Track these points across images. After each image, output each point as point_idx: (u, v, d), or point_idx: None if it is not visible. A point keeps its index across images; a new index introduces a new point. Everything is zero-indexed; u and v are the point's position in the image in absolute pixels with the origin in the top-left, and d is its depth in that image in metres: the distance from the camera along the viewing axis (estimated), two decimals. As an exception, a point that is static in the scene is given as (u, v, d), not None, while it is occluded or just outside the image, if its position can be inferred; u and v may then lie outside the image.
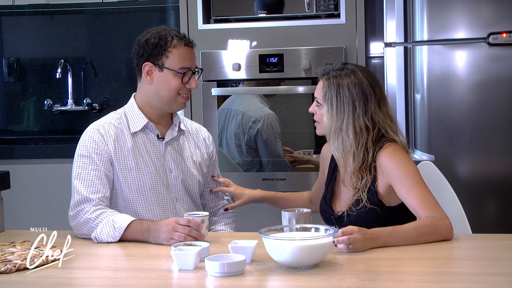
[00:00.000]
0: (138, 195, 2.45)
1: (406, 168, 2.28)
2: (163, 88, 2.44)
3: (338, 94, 2.33)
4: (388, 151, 2.31)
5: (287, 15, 3.65)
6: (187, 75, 2.44)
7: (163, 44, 2.42)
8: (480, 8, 3.21)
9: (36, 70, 4.37)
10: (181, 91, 2.45)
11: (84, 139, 2.46)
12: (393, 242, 2.11)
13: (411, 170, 2.28)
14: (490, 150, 3.20)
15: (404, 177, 2.26)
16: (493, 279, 1.80)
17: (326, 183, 2.50)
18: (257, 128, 3.62)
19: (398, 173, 2.27)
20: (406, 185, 2.25)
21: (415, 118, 3.27)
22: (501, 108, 3.18)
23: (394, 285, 1.77)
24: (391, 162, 2.29)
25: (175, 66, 2.43)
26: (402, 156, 2.31)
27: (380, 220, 2.27)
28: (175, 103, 2.47)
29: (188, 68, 2.44)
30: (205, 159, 2.62)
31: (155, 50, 2.43)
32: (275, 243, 1.89)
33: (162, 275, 1.89)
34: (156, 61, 2.43)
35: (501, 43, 3.15)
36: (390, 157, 2.30)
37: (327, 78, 2.37)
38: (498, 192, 3.21)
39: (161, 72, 2.44)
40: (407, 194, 2.25)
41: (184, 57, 2.44)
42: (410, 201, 2.25)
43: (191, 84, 2.45)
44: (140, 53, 2.46)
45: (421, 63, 3.27)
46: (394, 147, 2.33)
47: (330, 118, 2.34)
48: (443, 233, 2.15)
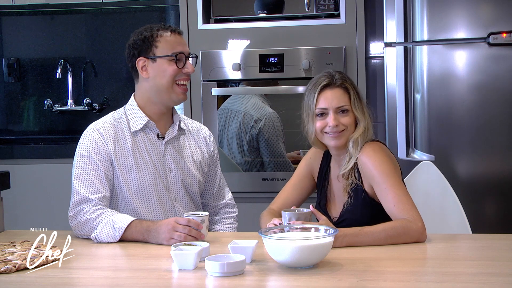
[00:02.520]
0: (137, 194, 2.45)
1: (382, 169, 2.28)
2: (160, 78, 2.45)
3: (357, 93, 2.39)
4: (367, 151, 2.33)
5: (287, 15, 3.65)
6: (181, 60, 2.45)
7: (149, 36, 2.46)
8: (480, 8, 3.21)
9: (36, 70, 4.37)
10: (178, 77, 2.46)
11: (84, 139, 2.46)
12: (360, 242, 2.11)
13: (388, 171, 2.28)
14: (490, 150, 3.20)
15: (380, 179, 2.27)
16: (493, 279, 1.80)
17: (319, 188, 2.50)
18: (259, 127, 3.62)
19: (375, 175, 2.28)
20: (382, 187, 2.26)
21: (415, 118, 3.26)
22: (501, 108, 3.18)
23: (394, 285, 1.77)
24: (369, 163, 2.30)
25: (166, 52, 2.45)
26: (380, 157, 2.31)
27: (376, 218, 2.28)
28: (174, 93, 2.47)
29: (179, 52, 2.45)
30: (205, 158, 2.62)
31: (144, 44, 2.46)
32: (275, 243, 1.89)
33: (162, 275, 1.89)
34: (148, 54, 2.45)
35: (501, 43, 3.15)
36: (368, 157, 2.31)
37: (350, 84, 2.38)
38: (498, 192, 3.21)
39: (155, 63, 2.45)
40: (383, 196, 2.26)
41: (173, 42, 2.46)
42: (386, 203, 2.25)
43: (187, 67, 2.46)
44: (132, 53, 2.49)
45: (421, 63, 3.27)
46: (373, 146, 2.35)
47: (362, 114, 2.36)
48: (414, 235, 2.15)
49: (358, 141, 2.34)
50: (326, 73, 2.39)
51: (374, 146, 2.34)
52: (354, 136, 2.35)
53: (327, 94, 2.35)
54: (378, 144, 2.37)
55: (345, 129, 2.36)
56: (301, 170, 2.55)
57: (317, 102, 2.35)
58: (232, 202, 2.72)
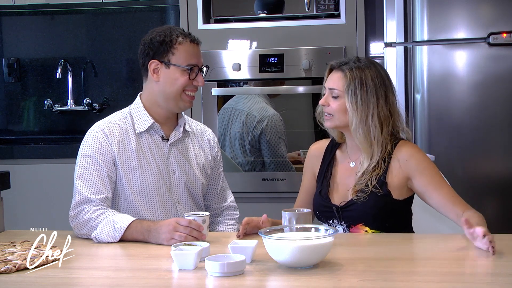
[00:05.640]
0: (140, 196, 2.44)
1: (431, 165, 2.36)
2: (170, 86, 2.44)
3: (363, 85, 2.35)
4: (410, 147, 2.37)
5: (287, 15, 3.65)
6: (194, 72, 2.44)
7: (169, 41, 2.42)
8: (480, 8, 3.21)
9: (36, 70, 4.37)
10: (187, 88, 2.45)
11: (88, 139, 2.46)
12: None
13: (435, 168, 2.36)
14: (490, 150, 3.20)
15: (433, 172, 2.34)
16: (493, 279, 1.80)
17: (320, 179, 2.50)
18: (261, 128, 3.62)
19: (426, 168, 2.33)
20: (434, 181, 2.32)
21: (415, 118, 3.27)
22: (501, 108, 3.18)
23: (394, 285, 1.77)
24: (415, 158, 2.34)
25: (182, 62, 2.43)
26: (423, 154, 2.39)
27: (386, 211, 2.31)
28: (182, 101, 2.46)
29: (194, 64, 2.45)
30: (209, 160, 2.62)
31: (161, 47, 2.43)
32: (275, 243, 1.89)
33: (162, 275, 1.89)
34: (162, 58, 2.43)
35: (501, 43, 3.15)
36: (413, 153, 2.35)
37: (349, 69, 2.37)
38: (498, 192, 3.21)
39: (167, 69, 2.44)
40: (438, 187, 2.31)
41: (190, 53, 2.44)
42: (440, 197, 2.31)
43: (198, 81, 2.46)
44: (146, 52, 2.46)
45: (421, 63, 3.27)
46: (412, 144, 2.41)
47: (354, 108, 2.34)
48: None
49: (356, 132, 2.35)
50: (348, 57, 2.45)
51: (412, 143, 2.41)
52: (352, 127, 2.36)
53: (331, 74, 2.42)
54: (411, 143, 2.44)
55: (333, 115, 2.38)
56: (306, 175, 2.57)
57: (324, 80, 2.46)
58: (234, 204, 2.71)
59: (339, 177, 2.44)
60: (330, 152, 2.50)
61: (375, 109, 2.35)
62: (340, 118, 2.37)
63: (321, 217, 2.44)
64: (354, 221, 2.36)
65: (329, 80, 2.41)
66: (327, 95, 2.40)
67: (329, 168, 2.48)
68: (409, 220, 2.43)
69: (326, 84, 2.42)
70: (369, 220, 2.34)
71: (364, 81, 2.35)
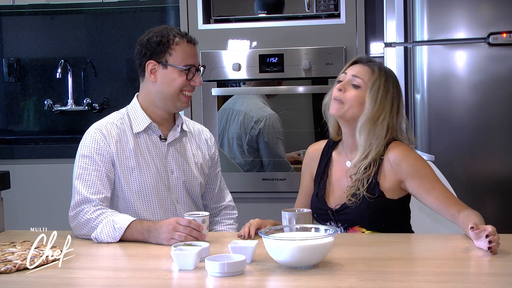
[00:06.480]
0: (138, 196, 2.44)
1: (422, 168, 2.33)
2: (167, 86, 2.44)
3: (385, 87, 2.37)
4: (400, 150, 2.34)
5: (287, 15, 3.65)
6: (191, 72, 2.45)
7: (166, 41, 2.43)
8: (480, 8, 3.21)
9: (36, 70, 4.37)
10: (184, 88, 2.46)
11: (86, 139, 2.46)
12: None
13: (428, 168, 2.34)
14: (490, 150, 3.20)
15: (423, 175, 2.31)
16: (493, 279, 1.80)
17: (317, 181, 2.49)
18: (258, 128, 3.62)
19: (417, 171, 2.31)
20: (425, 183, 2.30)
21: (415, 118, 3.27)
22: (501, 108, 3.18)
23: (394, 285, 1.77)
24: (405, 162, 2.32)
25: (179, 63, 2.43)
26: (416, 155, 2.37)
27: (381, 212, 2.30)
28: (179, 101, 2.47)
29: (192, 65, 2.45)
30: (206, 160, 2.62)
31: (158, 48, 2.43)
32: (275, 243, 1.89)
33: (162, 275, 1.89)
34: (160, 59, 2.44)
35: (501, 43, 3.15)
36: (403, 156, 2.33)
37: (377, 68, 2.39)
38: (498, 192, 3.21)
39: (165, 70, 2.44)
40: (431, 188, 2.29)
41: (188, 54, 2.45)
42: (433, 199, 2.29)
43: (195, 81, 2.46)
44: (143, 52, 2.46)
45: (421, 63, 3.27)
46: (404, 145, 2.38)
47: (372, 104, 2.34)
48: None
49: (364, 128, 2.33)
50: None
51: (404, 144, 2.38)
52: (361, 121, 2.34)
53: (354, 66, 2.41)
54: (403, 143, 2.39)
55: (345, 104, 2.35)
56: (305, 177, 2.56)
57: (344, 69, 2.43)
58: (232, 204, 2.72)
59: (335, 179, 2.44)
60: (327, 154, 2.49)
61: (387, 113, 2.35)
62: (351, 109, 2.35)
63: (319, 219, 2.44)
64: (350, 224, 2.35)
65: (354, 68, 2.39)
66: (345, 83, 2.37)
67: (325, 170, 2.47)
68: (407, 218, 2.42)
69: (350, 71, 2.38)
70: (364, 222, 2.33)
71: (387, 84, 2.37)
